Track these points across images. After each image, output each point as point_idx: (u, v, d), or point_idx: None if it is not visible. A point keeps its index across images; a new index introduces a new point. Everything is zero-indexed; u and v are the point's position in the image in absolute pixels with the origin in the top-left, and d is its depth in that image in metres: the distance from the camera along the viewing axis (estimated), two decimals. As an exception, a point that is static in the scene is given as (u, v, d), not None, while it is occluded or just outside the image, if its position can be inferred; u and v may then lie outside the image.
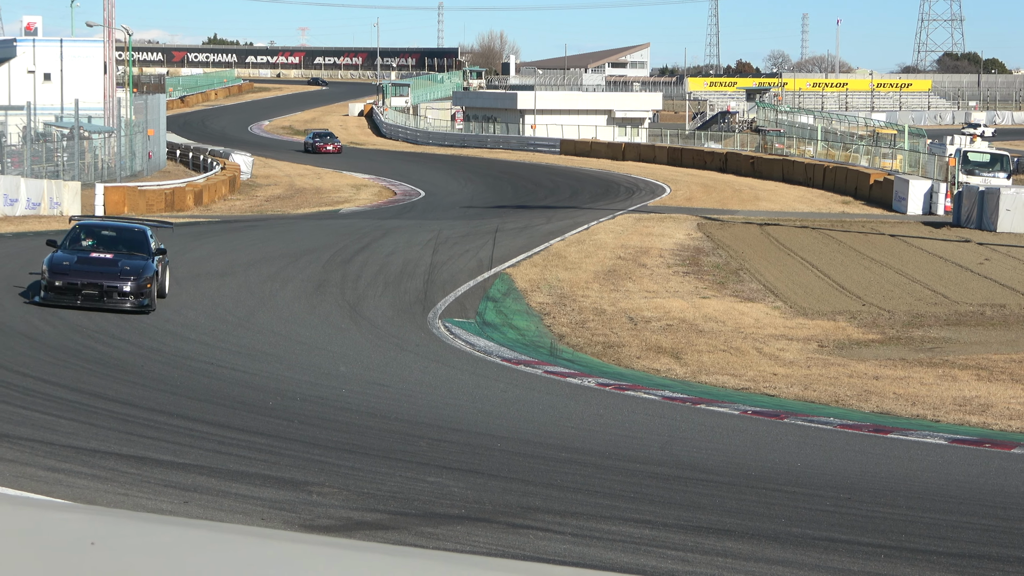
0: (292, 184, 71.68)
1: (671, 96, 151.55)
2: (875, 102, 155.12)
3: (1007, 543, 11.65)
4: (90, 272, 25.98)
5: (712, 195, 65.70)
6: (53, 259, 26.11)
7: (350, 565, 2.73)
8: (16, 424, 14.08)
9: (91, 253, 26.65)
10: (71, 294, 25.67)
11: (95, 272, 26.00)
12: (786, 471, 15.21)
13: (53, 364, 19.73)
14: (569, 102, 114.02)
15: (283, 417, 16.50)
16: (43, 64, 75.40)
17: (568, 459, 14.95)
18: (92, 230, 27.75)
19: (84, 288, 25.72)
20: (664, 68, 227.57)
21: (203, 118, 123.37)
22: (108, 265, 26.30)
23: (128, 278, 26.00)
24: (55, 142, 60.47)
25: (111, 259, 26.44)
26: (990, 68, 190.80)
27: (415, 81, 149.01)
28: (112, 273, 26.05)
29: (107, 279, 25.90)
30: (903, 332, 28.85)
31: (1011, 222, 48.83)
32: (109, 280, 25.90)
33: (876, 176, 65.79)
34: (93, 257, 26.51)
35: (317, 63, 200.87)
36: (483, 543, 9.88)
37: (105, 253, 26.67)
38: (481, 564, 2.75)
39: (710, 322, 29.61)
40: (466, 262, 37.83)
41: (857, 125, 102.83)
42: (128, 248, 27.10)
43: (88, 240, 27.25)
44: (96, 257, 26.52)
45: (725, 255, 41.40)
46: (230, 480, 11.87)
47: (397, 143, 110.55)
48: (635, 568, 9.38)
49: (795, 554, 10.34)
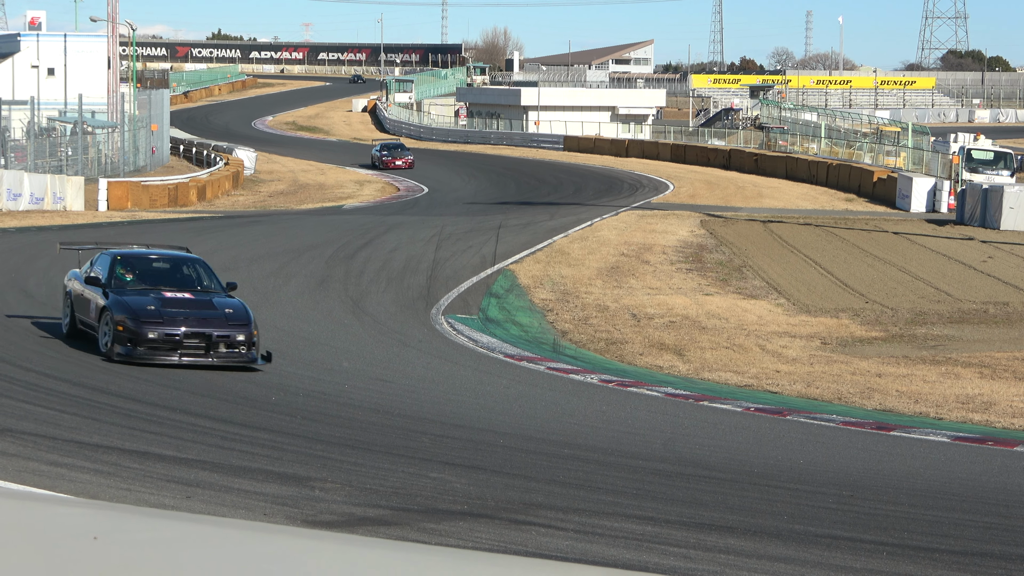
0: (295, 180, 71.68)
1: (675, 93, 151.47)
2: (879, 99, 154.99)
3: (1009, 541, 11.65)
4: (189, 318, 20.10)
5: (715, 192, 65.66)
6: (127, 304, 20.10)
7: (352, 560, 2.73)
8: (19, 419, 14.09)
9: (164, 292, 20.76)
10: (168, 348, 19.80)
11: (195, 318, 20.12)
12: (789, 468, 15.21)
13: (56, 359, 19.74)
14: (573, 99, 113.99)
15: (286, 413, 16.51)
16: (47, 59, 75.38)
17: (570, 455, 14.95)
18: (139, 263, 21.60)
19: (187, 339, 19.86)
20: (668, 65, 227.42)
21: (207, 113, 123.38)
22: (205, 307, 20.44)
23: (237, 323, 20.22)
24: (59, 137, 60.47)
25: (205, 299, 20.70)
26: (994, 66, 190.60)
27: (419, 77, 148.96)
28: (216, 318, 20.21)
29: (214, 326, 20.03)
30: (906, 330, 28.84)
31: (1015, 220, 48.80)
32: (218, 327, 20.03)
33: (880, 173, 65.74)
34: (180, 298, 20.60)
35: (321, 59, 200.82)
36: (485, 539, 9.88)
37: (181, 292, 20.89)
38: (483, 560, 2.76)
39: (713, 319, 29.60)
40: (469, 258, 37.83)
41: (861, 122, 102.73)
42: (193, 284, 21.36)
43: (130, 275, 21.17)
44: (184, 298, 20.64)
45: (728, 252, 41.38)
46: (233, 475, 11.88)
47: (401, 139, 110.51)
48: (637, 565, 9.38)
49: (797, 551, 10.34)
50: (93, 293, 20.79)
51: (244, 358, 20.10)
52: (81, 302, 21.17)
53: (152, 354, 19.71)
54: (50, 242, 38.18)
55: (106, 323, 20.07)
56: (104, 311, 20.16)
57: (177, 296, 20.58)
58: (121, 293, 20.52)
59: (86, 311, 20.94)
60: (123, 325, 19.82)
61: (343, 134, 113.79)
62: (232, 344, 20.03)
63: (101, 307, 20.31)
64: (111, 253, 21.81)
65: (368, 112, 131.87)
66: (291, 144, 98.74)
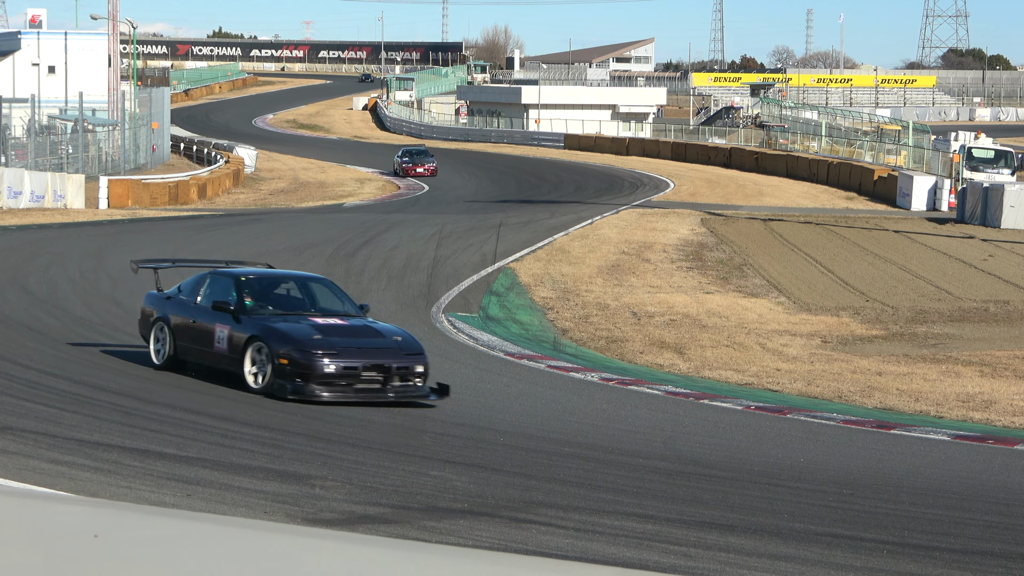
0: (296, 178, 71.68)
1: (675, 91, 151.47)
2: (879, 98, 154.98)
3: (1010, 539, 11.65)
4: (363, 348, 17.69)
5: (716, 190, 65.67)
6: (286, 333, 17.56)
7: (352, 559, 2.73)
8: (19, 417, 14.09)
9: (311, 318, 18.22)
10: (344, 384, 17.34)
11: (369, 348, 17.74)
12: (789, 467, 15.21)
13: (56, 357, 19.75)
14: (573, 97, 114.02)
15: (286, 411, 16.50)
16: (47, 57, 75.37)
17: (571, 454, 14.96)
18: (266, 284, 19.13)
19: (366, 371, 17.45)
20: (668, 63, 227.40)
21: (207, 111, 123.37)
22: (370, 335, 18.10)
23: (413, 353, 17.90)
24: (59, 135, 60.48)
25: (364, 325, 18.40)
26: (995, 64, 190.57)
27: (419, 75, 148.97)
28: (390, 348, 17.82)
29: (390, 357, 17.65)
30: (906, 328, 28.84)
31: (1015, 218, 48.80)
32: (395, 358, 17.64)
33: (880, 172, 65.74)
34: (337, 325, 18.11)
35: (321, 57, 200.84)
36: (485, 537, 9.88)
37: (328, 317, 18.39)
38: (483, 558, 2.75)
39: (713, 317, 29.60)
40: (470, 256, 37.83)
41: (861, 121, 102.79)
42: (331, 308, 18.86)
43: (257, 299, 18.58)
44: (341, 324, 18.15)
45: (729, 250, 41.38)
46: (233, 473, 11.88)
47: (401, 137, 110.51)
48: (638, 563, 9.38)
49: (798, 549, 10.34)
50: (215, 321, 18.13)
51: (419, 392, 17.72)
52: (191, 331, 18.56)
53: (326, 390, 17.15)
54: (50, 240, 38.26)
55: (258, 356, 17.45)
56: (251, 342, 17.54)
57: (332, 323, 18.06)
58: (264, 320, 17.91)
59: (203, 341, 18.33)
60: (288, 358, 17.18)
61: (344, 132, 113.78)
62: (409, 376, 17.65)
63: (244, 338, 17.62)
64: (228, 274, 19.18)
65: (369, 110, 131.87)
66: (292, 142, 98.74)
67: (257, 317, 18.02)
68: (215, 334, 18.17)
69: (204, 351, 18.39)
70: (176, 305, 19.03)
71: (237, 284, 18.65)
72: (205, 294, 18.76)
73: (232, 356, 17.84)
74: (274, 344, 17.36)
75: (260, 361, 17.50)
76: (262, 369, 17.46)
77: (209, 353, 18.31)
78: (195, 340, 18.51)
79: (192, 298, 18.86)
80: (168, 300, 19.24)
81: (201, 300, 18.71)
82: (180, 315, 18.81)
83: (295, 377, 17.17)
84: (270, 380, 17.29)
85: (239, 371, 17.68)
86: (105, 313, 25.63)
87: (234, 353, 17.81)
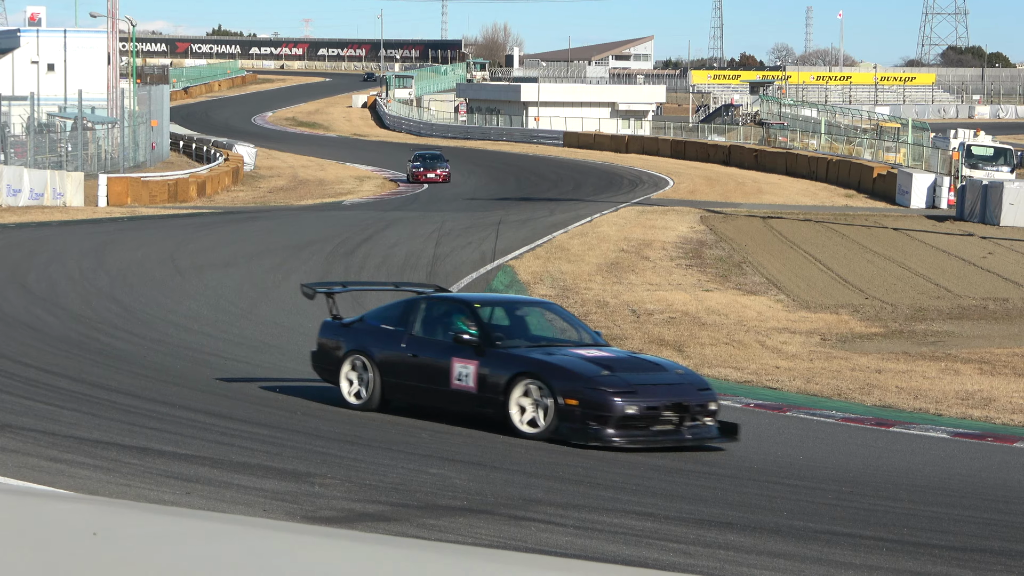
0: (295, 175, 71.68)
1: (675, 89, 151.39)
2: (879, 95, 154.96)
3: (1009, 537, 11.65)
4: (658, 385, 15.52)
5: (715, 188, 65.67)
6: (568, 369, 15.30)
7: (352, 556, 2.73)
8: (19, 414, 14.09)
9: (572, 349, 16.02)
10: (643, 426, 15.19)
11: (664, 384, 15.57)
12: (788, 464, 15.21)
13: (56, 354, 19.74)
14: (573, 94, 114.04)
15: (285, 409, 16.50)
16: (47, 55, 75.35)
17: (570, 451, 14.95)
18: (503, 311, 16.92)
19: (666, 411, 15.29)
20: (668, 61, 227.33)
21: (206, 109, 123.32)
22: (655, 369, 16.11)
23: (703, 388, 15.89)
24: (58, 133, 60.49)
25: (646, 359, 16.89)
26: (994, 62, 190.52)
27: (419, 73, 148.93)
28: (680, 384, 15.72)
29: (686, 394, 15.50)
30: (906, 326, 28.84)
31: (1014, 216, 48.80)
32: (691, 396, 15.49)
33: (879, 169, 65.76)
34: (609, 357, 16.02)
35: (321, 55, 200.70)
36: (485, 535, 9.89)
37: (587, 348, 16.16)
38: (482, 556, 2.76)
39: (713, 315, 29.59)
40: (469, 254, 37.83)
41: (861, 118, 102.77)
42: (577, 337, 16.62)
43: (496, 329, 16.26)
44: (613, 357, 16.12)
45: (728, 248, 41.38)
46: (232, 471, 11.88)
47: (401, 135, 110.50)
48: (637, 561, 9.38)
49: (797, 547, 10.35)
50: (450, 355, 15.85)
51: (710, 433, 15.52)
52: (412, 368, 16.24)
53: (622, 435, 14.95)
54: (49, 238, 38.24)
55: (531, 397, 15.17)
56: (518, 380, 15.21)
57: (603, 355, 15.91)
58: (526, 353, 15.68)
59: (432, 379, 16.03)
60: (578, 398, 14.96)
61: (343, 130, 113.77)
62: (701, 415, 15.42)
63: (506, 376, 15.29)
64: (454, 299, 17.25)
65: (368, 108, 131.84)
66: (291, 140, 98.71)
67: (514, 351, 15.74)
68: (453, 371, 15.77)
69: (434, 390, 16.00)
70: (379, 337, 16.54)
71: (473, 312, 16.24)
72: (424, 323, 16.37)
73: (485, 396, 15.51)
74: (556, 382, 15.03)
75: (535, 402, 15.13)
76: (537, 411, 15.09)
77: (442, 393, 15.90)
78: (419, 378, 16.12)
79: (404, 328, 16.41)
80: (363, 331, 16.79)
81: (419, 330, 16.31)
82: (389, 349, 16.33)
83: (588, 420, 14.91)
84: (552, 424, 14.96)
85: (498, 413, 15.32)
86: (104, 311, 25.62)
87: (489, 392, 15.44)
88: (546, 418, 15.03)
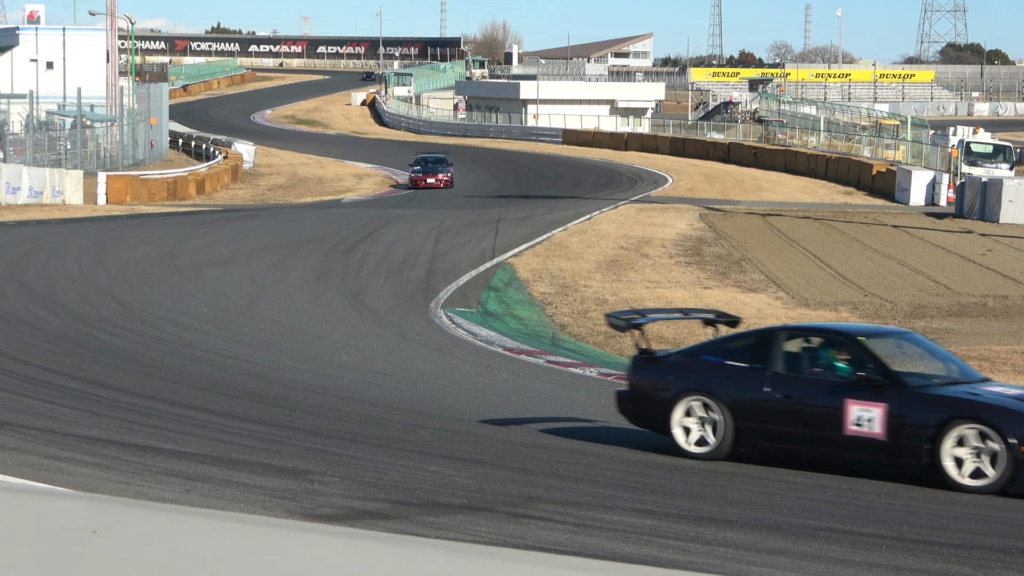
0: (294, 173, 71.68)
1: (674, 86, 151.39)
2: (878, 93, 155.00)
3: (1008, 534, 11.66)
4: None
5: (715, 185, 65.68)
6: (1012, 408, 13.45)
7: (351, 554, 2.73)
8: (18, 412, 14.08)
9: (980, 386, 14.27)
10: None
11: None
12: (787, 462, 15.19)
13: (55, 352, 19.73)
14: (572, 92, 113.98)
15: (285, 406, 16.49)
16: (46, 53, 75.33)
17: (569, 449, 14.96)
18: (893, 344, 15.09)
19: None
20: (667, 58, 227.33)
21: (205, 107, 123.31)
22: None
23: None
24: (57, 131, 60.48)
25: None
26: (993, 59, 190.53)
27: (418, 71, 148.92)
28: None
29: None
30: (905, 323, 28.84)
31: (1014, 213, 48.81)
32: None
33: (879, 167, 65.76)
34: None
35: (320, 52, 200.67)
36: (484, 532, 9.88)
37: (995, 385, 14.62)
38: (482, 553, 2.75)
39: (712, 312, 29.59)
40: (468, 252, 37.82)
41: (860, 116, 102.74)
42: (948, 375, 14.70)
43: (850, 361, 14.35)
44: None
45: (727, 245, 41.38)
46: (232, 469, 11.88)
47: (400, 132, 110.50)
48: (636, 558, 9.38)
49: (796, 544, 10.35)
50: (841, 397, 14.06)
51: None
52: (780, 411, 14.40)
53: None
54: (48, 236, 38.22)
55: (963, 447, 13.39)
56: (952, 425, 13.43)
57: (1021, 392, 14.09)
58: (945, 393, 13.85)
59: (814, 424, 14.22)
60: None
61: (342, 128, 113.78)
62: None
63: (936, 421, 13.50)
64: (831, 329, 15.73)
65: (367, 106, 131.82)
66: (290, 138, 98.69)
67: (930, 390, 13.95)
68: (848, 414, 14.01)
69: (816, 436, 14.20)
70: (727, 375, 14.82)
71: (858, 345, 14.40)
72: (791, 359, 14.63)
73: (900, 444, 13.73)
74: (1008, 427, 13.24)
75: (975, 450, 13.38)
76: (981, 459, 13.34)
77: (831, 440, 14.09)
78: (793, 423, 14.32)
79: (764, 365, 14.65)
80: (699, 369, 15.06)
81: (783, 367, 14.55)
82: (745, 390, 14.60)
83: None
84: (1007, 474, 13.21)
85: (917, 463, 13.65)
86: (103, 309, 25.62)
87: (906, 440, 13.69)
88: (995, 467, 13.25)
